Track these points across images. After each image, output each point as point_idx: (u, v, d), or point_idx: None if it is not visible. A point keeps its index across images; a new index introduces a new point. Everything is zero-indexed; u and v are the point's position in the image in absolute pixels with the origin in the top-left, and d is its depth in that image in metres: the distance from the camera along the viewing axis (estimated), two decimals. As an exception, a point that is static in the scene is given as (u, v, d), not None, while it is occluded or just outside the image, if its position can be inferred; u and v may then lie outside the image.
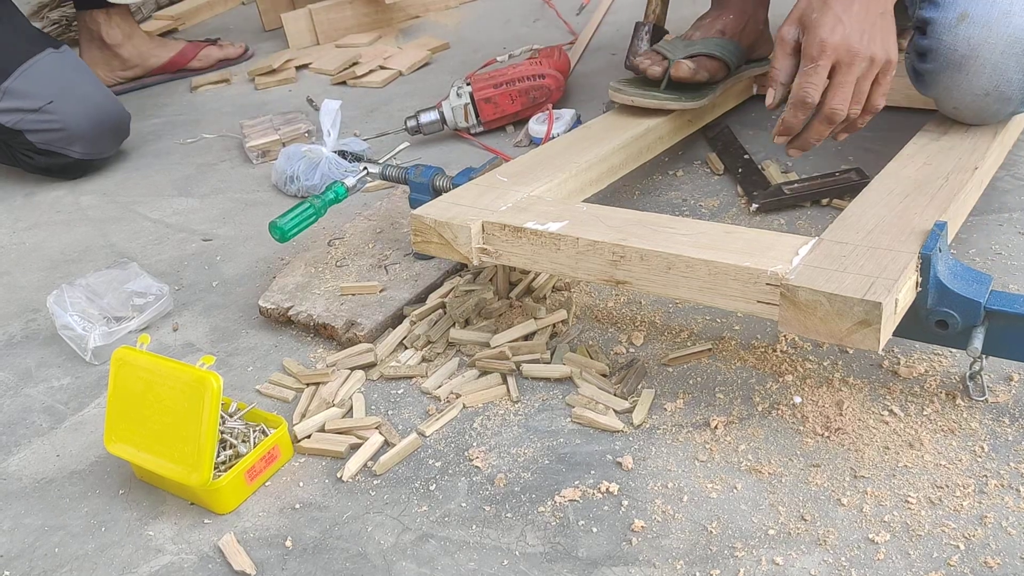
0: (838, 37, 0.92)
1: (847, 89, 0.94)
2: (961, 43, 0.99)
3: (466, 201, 0.97)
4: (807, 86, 0.94)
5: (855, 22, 0.92)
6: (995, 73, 1.00)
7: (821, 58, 0.93)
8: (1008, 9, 0.98)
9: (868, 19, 0.93)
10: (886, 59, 0.94)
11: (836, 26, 0.92)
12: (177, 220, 1.39)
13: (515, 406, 0.91)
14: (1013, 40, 0.98)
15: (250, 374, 1.02)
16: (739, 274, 0.78)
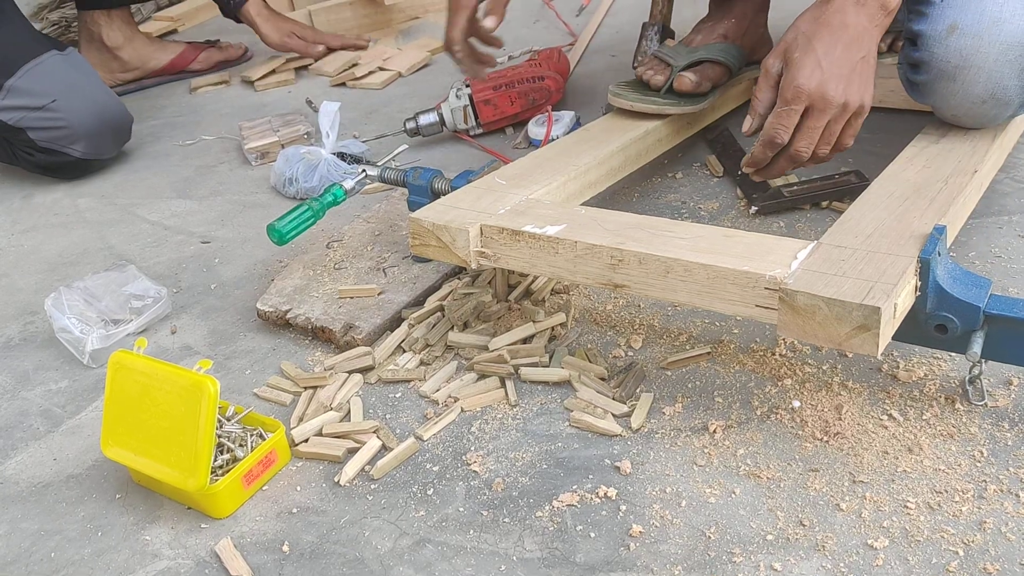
0: (814, 83, 0.92)
1: (815, 134, 0.95)
2: (953, 55, 0.98)
3: (464, 204, 0.97)
4: (778, 127, 0.95)
5: (834, 68, 0.92)
6: (991, 81, 0.99)
7: (795, 102, 0.94)
8: (998, 16, 0.96)
9: (848, 64, 0.93)
10: (859, 105, 0.95)
11: (814, 71, 0.93)
12: (175, 222, 1.39)
13: (513, 410, 0.90)
14: (1006, 47, 0.97)
15: (248, 377, 1.02)
16: (738, 278, 0.78)
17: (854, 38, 0.94)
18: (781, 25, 1.65)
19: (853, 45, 0.93)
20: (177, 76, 1.97)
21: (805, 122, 0.95)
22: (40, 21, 2.37)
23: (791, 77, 0.94)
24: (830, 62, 0.93)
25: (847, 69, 0.93)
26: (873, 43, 0.95)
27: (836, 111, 0.94)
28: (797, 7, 1.03)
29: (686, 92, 1.21)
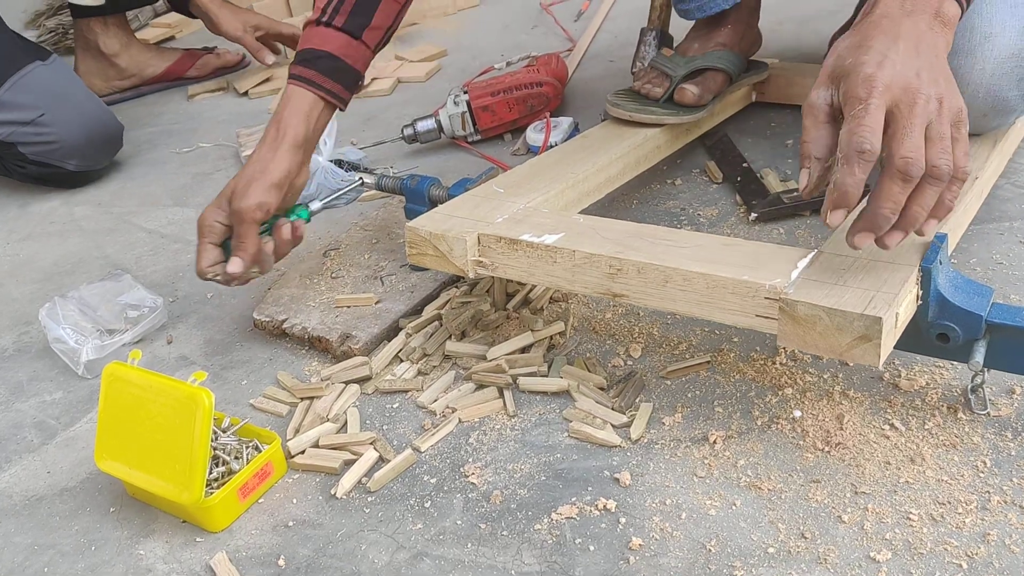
0: (887, 72, 0.70)
1: (917, 134, 0.69)
2: None
3: (462, 213, 0.96)
4: (860, 129, 0.69)
5: (904, 59, 0.71)
6: (990, 95, 0.98)
7: (872, 96, 0.69)
8: (988, 32, 0.95)
9: (921, 58, 0.72)
10: (958, 107, 0.72)
11: (883, 61, 0.71)
12: (172, 230, 1.38)
13: (512, 420, 0.90)
14: (1001, 60, 0.95)
15: (244, 388, 1.01)
16: (737, 288, 0.77)
17: (915, 40, 0.73)
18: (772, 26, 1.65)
19: (919, 45, 0.73)
20: (174, 83, 1.97)
21: (896, 124, 0.70)
22: (37, 28, 2.37)
23: (856, 76, 0.71)
24: (897, 54, 0.71)
25: (923, 63, 0.71)
26: (941, 47, 0.74)
27: (932, 105, 0.70)
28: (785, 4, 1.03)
29: (690, 105, 1.20)
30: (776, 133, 1.38)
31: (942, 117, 0.71)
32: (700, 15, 1.22)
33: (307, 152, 1.04)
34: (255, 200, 0.97)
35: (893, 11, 0.75)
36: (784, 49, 1.65)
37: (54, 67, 1.52)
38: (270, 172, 0.99)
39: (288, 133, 1.01)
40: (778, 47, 1.64)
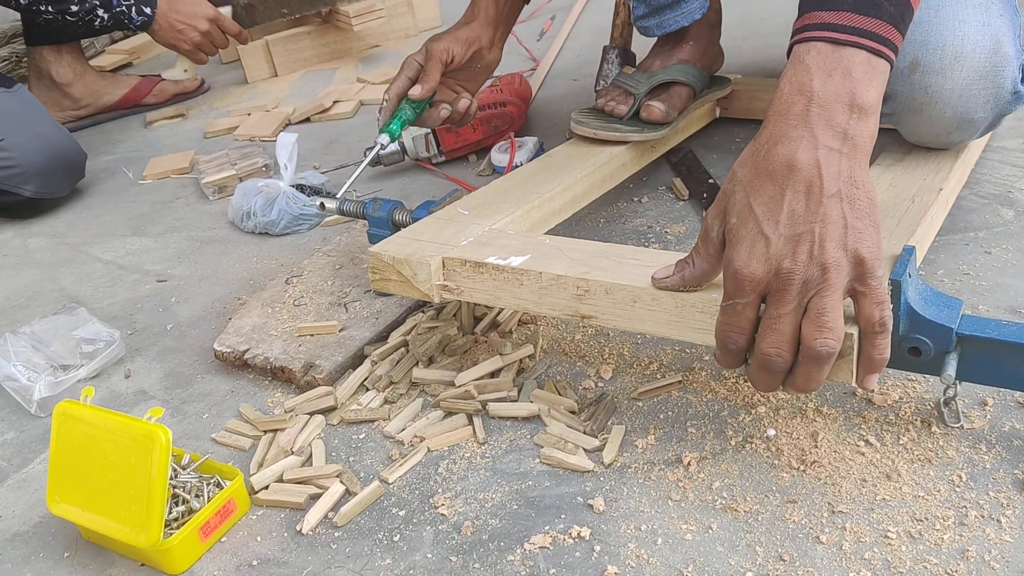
0: (757, 265, 0.66)
1: (785, 325, 0.66)
2: (918, 92, 0.96)
3: (426, 236, 0.94)
4: (725, 327, 0.69)
5: (786, 228, 0.65)
6: (957, 114, 0.97)
7: (738, 294, 0.67)
8: (959, 51, 0.94)
9: (810, 214, 0.65)
10: (854, 259, 0.65)
11: (755, 245, 0.66)
12: (130, 261, 1.35)
13: (482, 448, 0.87)
14: (970, 81, 0.95)
15: (205, 422, 0.98)
16: (706, 306, 0.76)
17: (810, 178, 0.66)
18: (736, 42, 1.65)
19: (812, 187, 0.65)
20: (132, 110, 1.93)
21: (765, 316, 0.67)
22: (-10, 57, 2.32)
23: (727, 260, 0.68)
24: (776, 224, 0.66)
25: (809, 223, 0.65)
26: (851, 168, 0.66)
27: (814, 283, 0.65)
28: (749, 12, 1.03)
29: (657, 122, 1.19)
30: (741, 148, 1.37)
31: (826, 291, 0.65)
32: (660, 32, 1.22)
33: (498, 31, 1.21)
34: (445, 44, 1.14)
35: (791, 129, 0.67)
36: (747, 64, 1.66)
37: (18, 95, 1.49)
38: (461, 32, 1.17)
39: (481, 11, 1.19)
40: (741, 63, 1.65)
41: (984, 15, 0.95)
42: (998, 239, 1.06)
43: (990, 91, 0.96)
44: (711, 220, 0.71)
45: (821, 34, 0.69)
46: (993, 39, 0.95)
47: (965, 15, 0.95)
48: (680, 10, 1.20)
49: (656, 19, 1.22)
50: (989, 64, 0.95)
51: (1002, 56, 0.95)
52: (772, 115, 0.69)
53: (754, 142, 0.70)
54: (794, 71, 0.69)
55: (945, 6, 0.96)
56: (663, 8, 1.21)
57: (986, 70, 0.95)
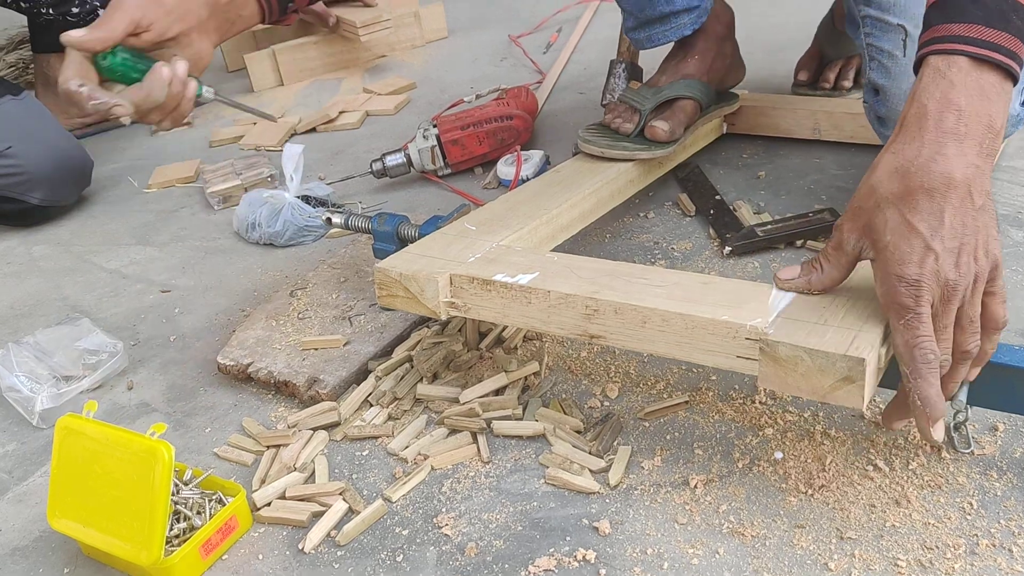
0: (930, 274, 0.68)
1: (949, 328, 0.70)
2: None
3: (433, 252, 0.94)
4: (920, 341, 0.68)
5: (949, 242, 0.68)
6: None
7: (919, 306, 0.68)
8: None
9: (964, 227, 0.68)
10: (993, 263, 0.70)
11: (925, 258, 0.68)
12: (134, 270, 1.34)
13: (486, 467, 0.87)
14: None
15: (208, 436, 0.97)
16: (717, 328, 0.75)
17: (964, 192, 0.68)
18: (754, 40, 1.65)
19: (965, 201, 0.68)
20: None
21: (940, 321, 0.69)
22: (-3, 62, 2.33)
23: (896, 272, 0.69)
24: (942, 238, 0.68)
25: (965, 235, 0.68)
26: (987, 183, 0.70)
27: (967, 292, 0.69)
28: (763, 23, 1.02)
29: (662, 142, 1.19)
30: (748, 164, 1.37)
31: (975, 297, 0.69)
32: (650, 45, 1.24)
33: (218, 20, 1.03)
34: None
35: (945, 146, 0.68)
36: (753, 79, 1.65)
37: (25, 102, 1.48)
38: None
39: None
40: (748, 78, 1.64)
41: None
42: (1008, 260, 1.05)
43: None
44: (847, 234, 0.73)
45: (961, 47, 0.70)
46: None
47: None
48: (669, 25, 1.22)
49: (645, 32, 1.23)
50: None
51: None
52: (918, 127, 0.70)
53: (897, 155, 0.70)
54: (936, 85, 0.70)
55: None
56: (652, 21, 1.22)
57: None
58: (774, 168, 1.34)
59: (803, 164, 1.35)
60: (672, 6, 1.20)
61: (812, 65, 1.53)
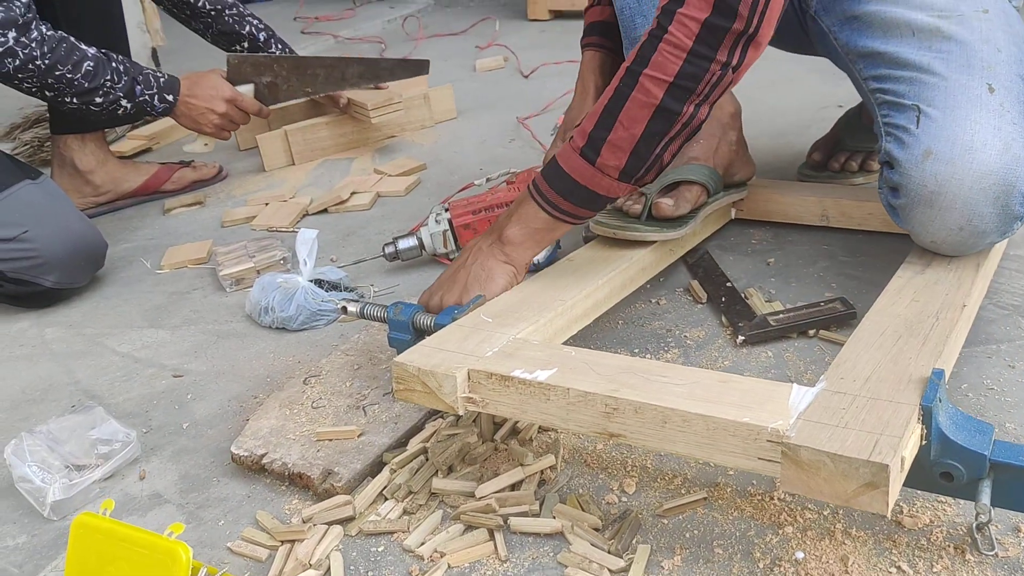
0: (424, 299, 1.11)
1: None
2: (929, 180, 1.01)
3: (450, 346, 0.94)
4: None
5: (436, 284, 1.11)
6: (966, 208, 1.00)
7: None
8: (970, 145, 0.99)
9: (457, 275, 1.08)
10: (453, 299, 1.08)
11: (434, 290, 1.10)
12: (146, 354, 1.35)
13: (504, 565, 0.86)
14: (980, 176, 0.99)
15: (221, 528, 0.96)
16: (738, 430, 0.75)
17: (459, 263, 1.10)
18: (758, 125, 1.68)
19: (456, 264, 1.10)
20: (150, 197, 1.96)
21: None
22: (12, 141, 2.37)
23: None
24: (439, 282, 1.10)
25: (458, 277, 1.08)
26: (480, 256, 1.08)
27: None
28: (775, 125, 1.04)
29: (665, 217, 1.21)
30: (757, 251, 1.39)
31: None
32: None
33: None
34: None
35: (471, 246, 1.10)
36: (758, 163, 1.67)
37: (43, 186, 1.51)
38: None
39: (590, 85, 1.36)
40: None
41: (996, 120, 1.01)
42: (1021, 353, 1.06)
43: (999, 188, 1.00)
44: None
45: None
46: (1003, 140, 1.00)
47: (978, 116, 1.01)
48: None
49: None
50: (999, 162, 0.99)
51: (1011, 156, 0.99)
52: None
53: None
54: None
55: (960, 107, 1.02)
56: None
57: (996, 166, 0.99)
58: (783, 254, 1.36)
59: (812, 251, 1.36)
60: None
61: (827, 148, 1.56)
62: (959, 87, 1.04)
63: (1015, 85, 1.06)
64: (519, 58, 2.73)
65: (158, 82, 1.70)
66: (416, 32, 3.28)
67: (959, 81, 1.04)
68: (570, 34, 2.95)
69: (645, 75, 0.94)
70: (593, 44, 1.40)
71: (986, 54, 1.07)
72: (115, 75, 1.62)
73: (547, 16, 3.28)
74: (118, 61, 1.63)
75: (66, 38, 1.56)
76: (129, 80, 1.64)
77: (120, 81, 1.62)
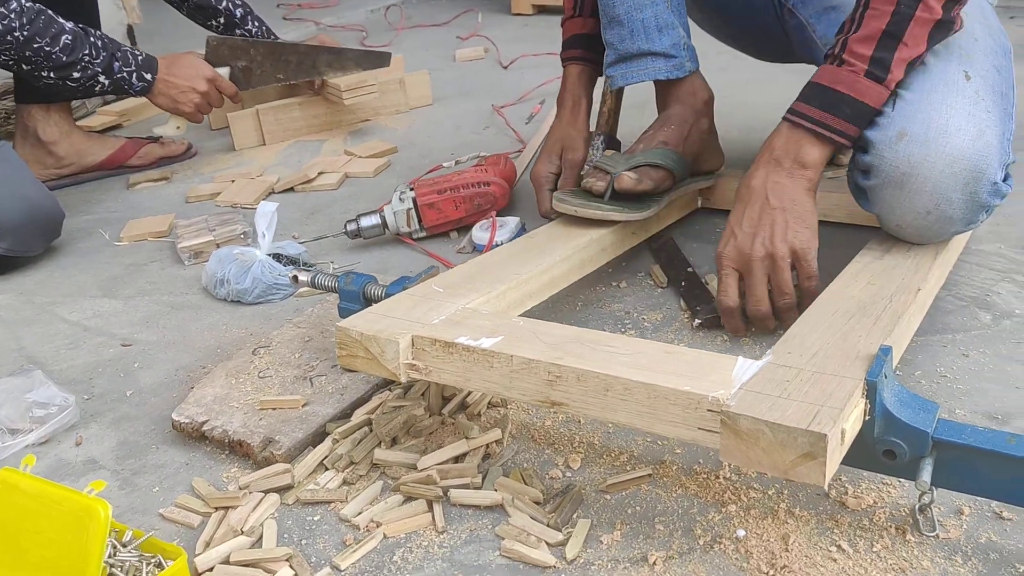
0: (729, 249, 1.05)
1: (758, 290, 1.04)
2: (902, 160, 1.00)
3: (397, 313, 0.92)
4: (720, 292, 1.07)
5: (747, 228, 1.04)
6: (935, 192, 1.00)
7: (721, 269, 1.06)
8: (945, 128, 0.99)
9: (760, 220, 1.03)
10: (791, 250, 1.02)
11: (729, 239, 1.05)
12: (97, 323, 1.32)
13: (440, 537, 0.84)
14: (952, 159, 0.98)
15: (155, 495, 0.94)
16: (679, 399, 0.74)
17: (764, 197, 1.04)
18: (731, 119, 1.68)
19: (765, 204, 1.04)
20: (115, 171, 1.93)
21: (746, 282, 1.05)
22: (-21, 112, 2.32)
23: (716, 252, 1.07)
24: (742, 225, 1.05)
25: (760, 225, 1.03)
26: (795, 192, 1.04)
27: (765, 264, 1.03)
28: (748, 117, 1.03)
29: (627, 191, 1.19)
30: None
31: (778, 268, 1.03)
32: (624, 82, 1.29)
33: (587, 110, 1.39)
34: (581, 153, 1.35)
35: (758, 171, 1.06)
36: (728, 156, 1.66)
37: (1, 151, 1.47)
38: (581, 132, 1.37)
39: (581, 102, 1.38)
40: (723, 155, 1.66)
41: (971, 106, 1.01)
42: (976, 342, 1.05)
43: (969, 173, 0.99)
44: None
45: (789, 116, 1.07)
46: (977, 127, 1.00)
47: (953, 101, 1.01)
48: (645, 65, 1.27)
49: (622, 69, 1.28)
50: (971, 147, 0.99)
51: (984, 143, 0.98)
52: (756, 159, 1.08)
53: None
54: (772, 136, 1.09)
55: (936, 90, 1.01)
56: (630, 58, 1.27)
57: (968, 152, 0.99)
58: (747, 243, 1.34)
59: (776, 240, 1.35)
60: (651, 45, 1.25)
61: None
62: (936, 72, 1.03)
63: (990, 75, 1.05)
64: (500, 49, 2.72)
65: (136, 60, 1.68)
66: (399, 22, 3.26)
67: (936, 66, 1.03)
68: (553, 28, 2.93)
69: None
70: (577, 58, 1.39)
71: (963, 43, 1.06)
72: (93, 50, 1.59)
73: (530, 11, 3.27)
74: (96, 36, 1.61)
75: (44, 11, 1.53)
76: (108, 56, 1.61)
77: (98, 56, 1.59)
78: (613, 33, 1.27)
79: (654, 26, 1.25)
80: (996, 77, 1.06)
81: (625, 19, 1.25)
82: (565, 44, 1.41)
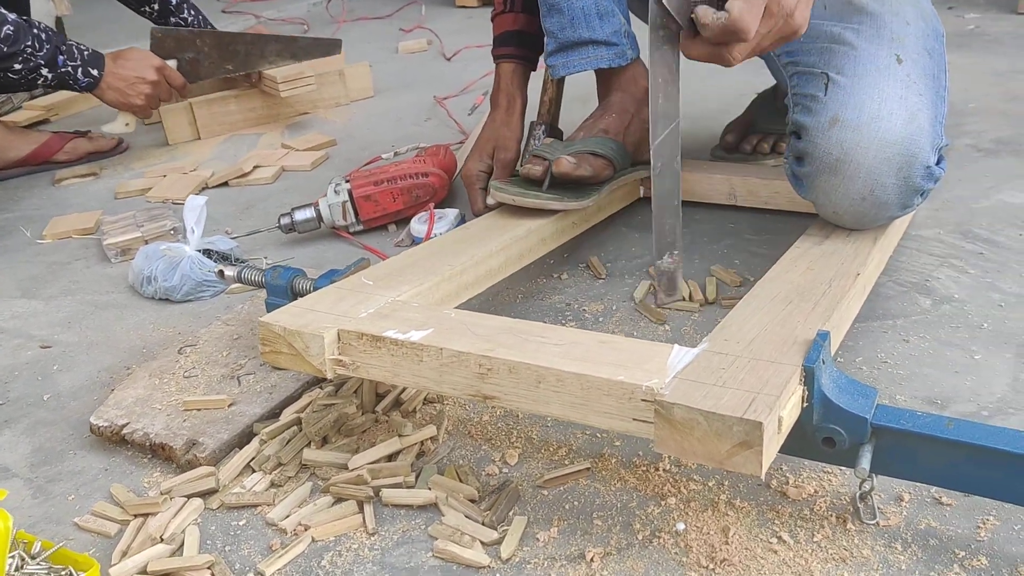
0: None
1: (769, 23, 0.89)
2: (834, 146, 0.99)
3: (323, 307, 0.88)
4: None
5: None
6: (869, 177, 0.99)
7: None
8: (877, 113, 0.98)
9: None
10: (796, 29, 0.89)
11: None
12: (14, 324, 1.25)
13: (371, 539, 0.80)
14: (884, 144, 0.98)
15: (71, 504, 0.89)
16: (612, 389, 0.71)
17: None
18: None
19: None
20: (41, 167, 1.85)
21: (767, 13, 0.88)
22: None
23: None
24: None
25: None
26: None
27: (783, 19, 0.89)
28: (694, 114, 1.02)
29: (565, 175, 1.16)
30: (664, 228, 1.36)
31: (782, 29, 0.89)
32: (566, 72, 1.26)
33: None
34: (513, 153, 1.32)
35: None
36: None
37: None
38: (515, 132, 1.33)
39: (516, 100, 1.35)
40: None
41: (903, 90, 1.00)
42: (916, 328, 1.05)
43: (902, 158, 0.99)
44: None
45: None
46: (909, 111, 0.99)
47: (885, 85, 1.00)
48: (587, 54, 1.23)
49: (563, 58, 1.25)
50: (904, 131, 0.98)
51: (916, 127, 0.98)
52: None
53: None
54: None
55: (868, 75, 1.01)
56: (572, 46, 1.23)
57: (900, 136, 0.98)
58: (689, 232, 1.33)
59: (718, 229, 1.34)
60: (593, 33, 1.22)
61: (740, 130, 1.55)
62: (868, 56, 1.02)
63: (922, 58, 1.05)
64: (443, 41, 2.68)
65: (82, 55, 1.61)
66: (341, 15, 3.20)
67: (868, 51, 1.03)
68: (497, 21, 2.91)
69: None
70: (510, 55, 1.36)
71: (895, 26, 1.06)
72: (36, 42, 1.52)
73: (475, 3, 3.24)
74: (41, 28, 1.54)
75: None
76: (52, 48, 1.54)
77: (42, 49, 1.53)
78: (553, 21, 1.24)
79: (595, 13, 1.23)
80: (928, 60, 1.06)
81: (565, 7, 1.22)
82: (497, 40, 1.38)
